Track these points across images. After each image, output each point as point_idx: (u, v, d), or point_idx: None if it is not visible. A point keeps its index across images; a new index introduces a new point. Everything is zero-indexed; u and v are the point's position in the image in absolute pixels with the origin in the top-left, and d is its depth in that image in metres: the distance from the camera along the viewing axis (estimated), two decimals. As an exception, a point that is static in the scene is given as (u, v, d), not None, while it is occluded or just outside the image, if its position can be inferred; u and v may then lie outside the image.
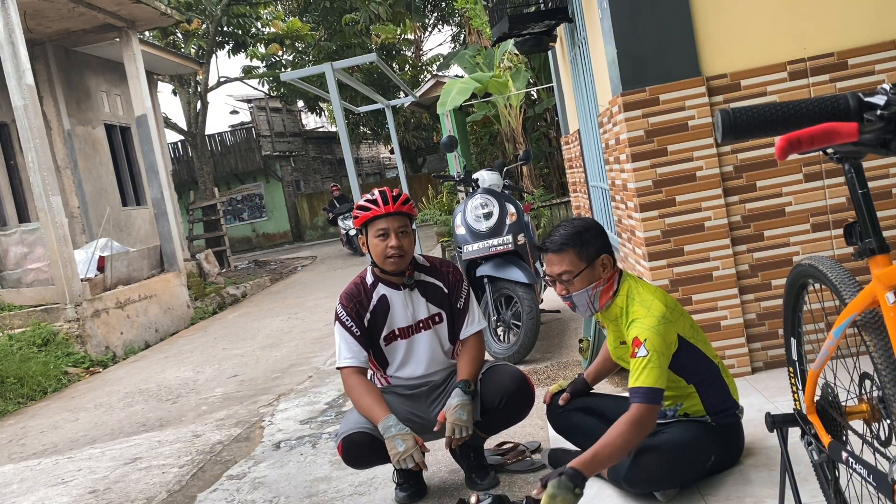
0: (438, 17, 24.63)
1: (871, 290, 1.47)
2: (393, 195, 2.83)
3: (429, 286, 2.91)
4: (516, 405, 2.87)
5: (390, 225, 2.78)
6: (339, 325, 2.87)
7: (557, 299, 6.50)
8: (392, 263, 2.79)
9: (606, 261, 2.45)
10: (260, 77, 21.27)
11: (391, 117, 7.06)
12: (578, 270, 2.42)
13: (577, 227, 2.47)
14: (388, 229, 2.78)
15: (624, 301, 2.45)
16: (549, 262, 2.49)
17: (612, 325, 2.55)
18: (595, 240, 2.45)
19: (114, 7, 9.62)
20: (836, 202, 3.34)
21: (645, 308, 2.36)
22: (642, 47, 3.35)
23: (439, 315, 2.91)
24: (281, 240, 25.14)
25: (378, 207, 2.79)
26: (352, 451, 2.81)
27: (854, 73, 3.28)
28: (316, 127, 30.79)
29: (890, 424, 1.59)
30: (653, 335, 2.28)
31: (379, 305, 2.87)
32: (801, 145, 1.34)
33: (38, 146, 7.61)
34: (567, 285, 2.45)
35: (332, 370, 5.75)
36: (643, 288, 2.45)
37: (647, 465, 2.32)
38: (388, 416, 2.67)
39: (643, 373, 2.25)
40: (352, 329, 2.84)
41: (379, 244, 2.78)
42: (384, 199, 2.80)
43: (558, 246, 2.44)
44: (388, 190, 2.86)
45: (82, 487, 3.98)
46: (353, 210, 2.93)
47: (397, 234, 2.78)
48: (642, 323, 2.32)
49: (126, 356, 8.36)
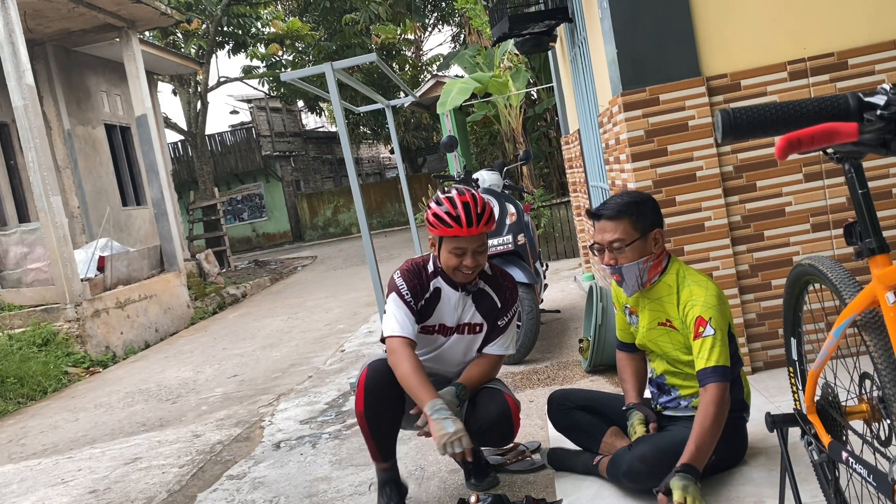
0: (438, 17, 24.63)
1: (871, 290, 1.47)
2: (477, 212, 2.59)
3: (485, 296, 2.78)
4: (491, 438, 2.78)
5: (469, 245, 2.59)
6: (395, 296, 2.66)
7: (557, 299, 6.50)
8: (463, 276, 2.66)
9: (659, 235, 2.43)
10: (260, 77, 21.27)
11: (391, 117, 7.05)
12: (632, 240, 2.38)
13: (634, 197, 2.43)
14: (467, 249, 2.59)
15: (674, 280, 2.43)
16: (601, 228, 2.44)
17: (651, 304, 2.50)
18: (651, 213, 2.42)
19: (114, 7, 9.62)
20: (836, 202, 3.34)
21: (703, 287, 2.36)
22: (642, 47, 3.35)
23: (481, 326, 2.79)
24: (281, 240, 25.16)
25: (461, 228, 2.57)
26: (375, 378, 2.63)
27: (854, 73, 3.28)
28: (316, 127, 30.81)
29: (890, 424, 1.59)
30: (716, 314, 2.30)
31: (433, 296, 2.73)
32: (802, 145, 1.34)
33: (38, 146, 7.61)
34: (617, 254, 2.40)
35: (332, 370, 5.75)
36: (694, 271, 2.46)
37: (649, 459, 2.31)
38: (437, 398, 2.46)
39: (713, 352, 2.27)
40: (410, 303, 2.66)
41: (453, 259, 2.62)
42: (468, 218, 2.57)
43: (615, 212, 2.40)
44: (471, 203, 2.60)
45: (82, 487, 3.98)
46: (428, 214, 2.67)
47: (475, 254, 2.61)
48: (705, 301, 2.32)
49: (126, 356, 8.36)
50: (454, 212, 2.59)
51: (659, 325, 2.48)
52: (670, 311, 2.43)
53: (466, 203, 2.60)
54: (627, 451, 2.40)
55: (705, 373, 2.27)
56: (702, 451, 2.20)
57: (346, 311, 8.67)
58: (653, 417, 2.52)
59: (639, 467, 2.33)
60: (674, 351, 2.45)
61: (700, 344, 2.30)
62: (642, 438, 2.45)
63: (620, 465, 2.39)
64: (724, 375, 2.26)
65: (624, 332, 2.71)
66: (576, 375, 4.26)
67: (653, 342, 2.54)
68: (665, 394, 2.56)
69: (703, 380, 2.27)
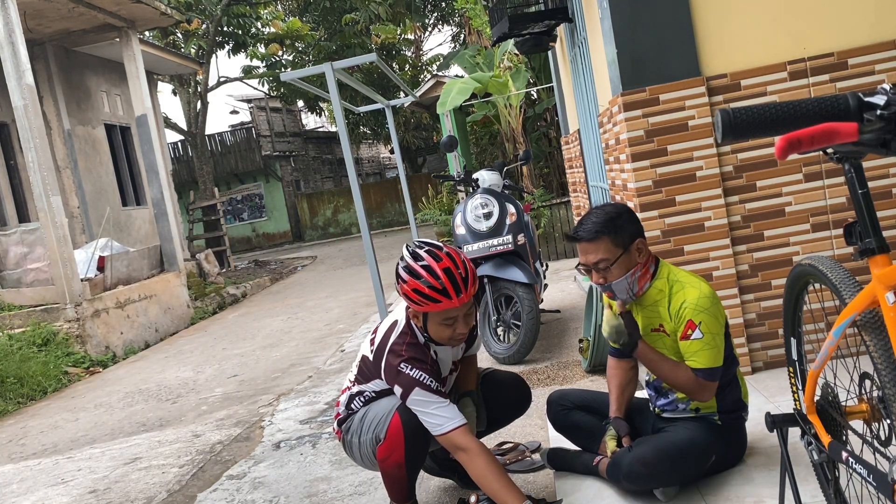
0: (438, 17, 24.65)
1: (871, 290, 1.47)
2: (462, 276, 2.39)
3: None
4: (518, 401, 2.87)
5: (460, 313, 2.42)
6: (422, 391, 2.40)
7: (557, 299, 6.50)
8: (457, 342, 2.53)
9: (641, 245, 2.41)
10: (260, 77, 21.27)
11: (391, 117, 7.06)
12: (616, 257, 2.35)
13: (609, 213, 2.39)
14: (458, 316, 2.43)
15: (665, 284, 2.42)
16: (583, 250, 2.41)
17: (644, 311, 2.48)
18: (629, 224, 2.39)
19: (114, 7, 9.63)
20: (836, 202, 3.34)
21: (695, 289, 2.36)
22: (642, 47, 3.35)
23: (463, 347, 2.77)
24: (281, 240, 25.16)
25: (451, 300, 2.37)
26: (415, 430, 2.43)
27: (854, 73, 3.28)
28: (316, 127, 30.80)
29: (890, 424, 1.59)
30: (707, 317, 2.31)
31: (435, 363, 2.61)
32: (801, 145, 1.34)
33: (38, 146, 7.61)
34: (605, 273, 2.38)
35: (333, 370, 5.75)
36: (685, 273, 2.45)
37: (649, 461, 2.31)
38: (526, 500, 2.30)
39: (698, 355, 2.31)
40: (439, 390, 2.43)
41: (444, 330, 2.45)
42: (456, 288, 2.37)
43: (593, 234, 2.36)
44: (451, 266, 2.39)
45: (82, 487, 3.98)
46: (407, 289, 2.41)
47: (466, 317, 2.45)
48: (696, 305, 2.32)
49: (126, 356, 8.36)
50: (438, 284, 2.37)
51: (652, 331, 2.47)
52: (663, 316, 2.42)
53: (448, 269, 2.39)
54: (627, 453, 2.40)
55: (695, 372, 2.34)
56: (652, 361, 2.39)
57: (346, 311, 8.67)
58: (625, 431, 2.52)
59: (639, 469, 2.32)
60: (669, 355, 2.45)
61: (687, 346, 2.33)
62: (643, 440, 2.45)
63: (620, 467, 2.39)
64: (709, 375, 2.30)
65: None
66: (576, 375, 4.26)
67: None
68: (663, 396, 2.55)
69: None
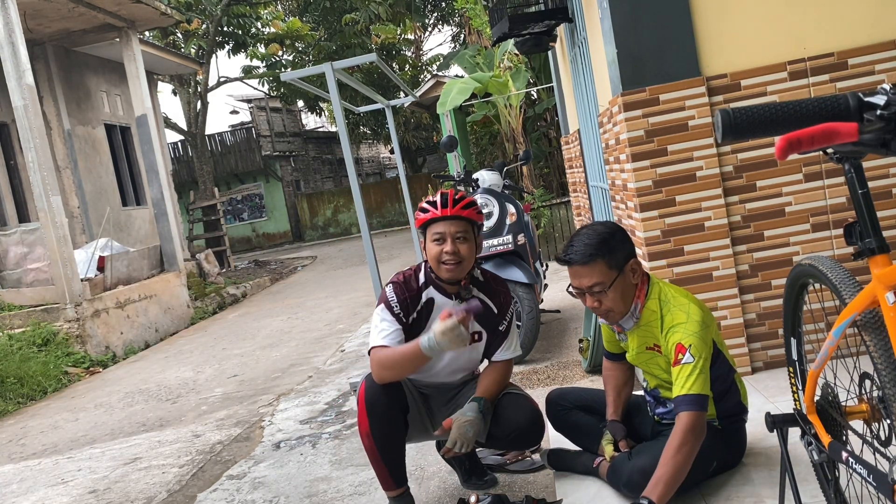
0: (438, 17, 24.64)
1: (871, 290, 1.47)
2: (454, 198, 2.64)
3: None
4: (526, 441, 2.77)
5: (447, 229, 2.60)
6: (384, 309, 2.65)
7: (557, 299, 6.50)
8: (447, 270, 2.61)
9: (635, 265, 2.33)
10: (260, 77, 21.28)
11: (391, 117, 7.05)
12: (611, 280, 2.27)
13: (601, 233, 2.30)
14: (445, 234, 2.60)
15: (657, 305, 2.34)
16: (575, 274, 2.32)
17: (639, 330, 2.41)
18: (622, 245, 2.31)
19: (114, 7, 9.62)
20: (836, 202, 3.34)
21: (684, 313, 2.27)
22: (642, 47, 3.35)
23: (480, 334, 2.74)
24: (281, 240, 25.16)
25: (436, 210, 2.62)
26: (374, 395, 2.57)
27: (854, 73, 3.28)
28: (316, 127, 30.81)
29: (890, 424, 1.59)
30: (697, 341, 2.21)
31: (425, 307, 2.69)
32: (801, 145, 1.34)
33: (38, 146, 7.61)
34: (600, 297, 2.31)
35: (333, 370, 5.75)
36: (675, 291, 2.38)
37: (648, 471, 2.26)
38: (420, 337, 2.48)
39: (690, 380, 2.18)
40: (399, 316, 2.64)
41: (434, 248, 2.61)
42: (443, 201, 2.63)
43: (586, 257, 2.27)
44: (451, 192, 2.67)
45: (82, 487, 3.98)
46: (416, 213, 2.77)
47: (454, 238, 2.59)
48: (685, 328, 2.23)
49: (126, 356, 8.36)
50: (431, 199, 2.68)
51: (647, 349, 2.43)
52: (657, 335, 2.36)
53: (444, 194, 2.68)
54: (627, 461, 2.39)
55: (680, 400, 2.20)
56: (668, 485, 2.10)
57: (346, 311, 8.67)
58: (621, 435, 2.49)
59: (639, 480, 2.29)
60: (664, 373, 2.42)
61: (678, 371, 2.23)
62: (642, 447, 2.44)
63: (620, 475, 2.37)
64: (699, 404, 2.17)
65: (611, 344, 2.66)
66: (576, 375, 4.26)
67: (643, 364, 2.51)
68: (662, 405, 2.55)
69: (678, 407, 2.20)
